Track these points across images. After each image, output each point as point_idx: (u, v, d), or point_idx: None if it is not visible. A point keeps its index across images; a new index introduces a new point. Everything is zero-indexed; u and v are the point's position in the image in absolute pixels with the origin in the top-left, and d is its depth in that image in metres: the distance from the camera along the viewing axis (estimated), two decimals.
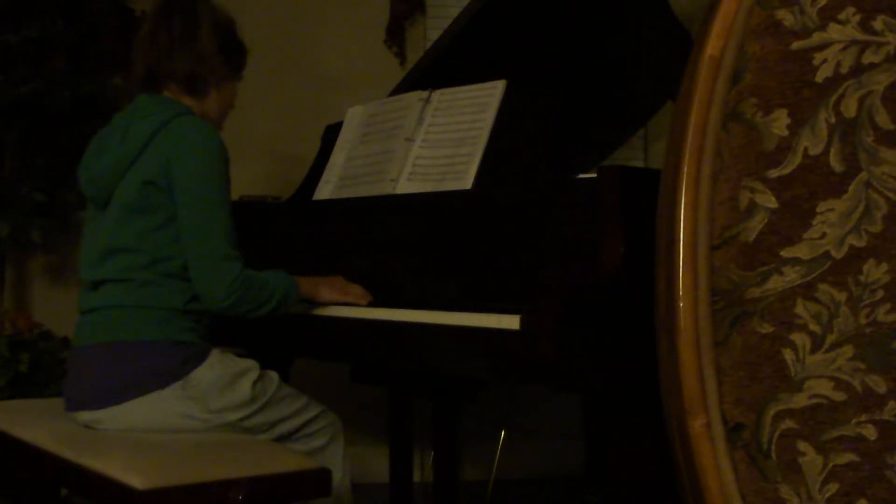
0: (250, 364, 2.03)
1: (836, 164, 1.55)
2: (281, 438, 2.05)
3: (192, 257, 1.96)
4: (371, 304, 2.10)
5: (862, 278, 1.54)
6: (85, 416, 1.97)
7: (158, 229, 1.97)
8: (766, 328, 1.54)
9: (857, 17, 1.55)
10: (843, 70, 1.55)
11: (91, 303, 2.02)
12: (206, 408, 1.95)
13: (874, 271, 1.54)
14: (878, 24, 1.55)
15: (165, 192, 1.97)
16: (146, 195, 1.97)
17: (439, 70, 2.56)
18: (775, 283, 1.54)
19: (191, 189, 1.95)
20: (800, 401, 1.54)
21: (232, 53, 2.16)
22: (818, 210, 1.54)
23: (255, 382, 2.00)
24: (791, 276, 1.54)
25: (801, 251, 1.54)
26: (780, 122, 1.54)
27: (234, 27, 2.17)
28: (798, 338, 1.54)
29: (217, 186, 1.98)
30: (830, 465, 1.54)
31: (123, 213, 1.99)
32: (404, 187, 2.24)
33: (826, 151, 1.55)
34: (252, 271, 1.99)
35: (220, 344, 2.09)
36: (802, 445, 1.54)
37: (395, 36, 3.66)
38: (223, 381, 1.96)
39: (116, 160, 2.01)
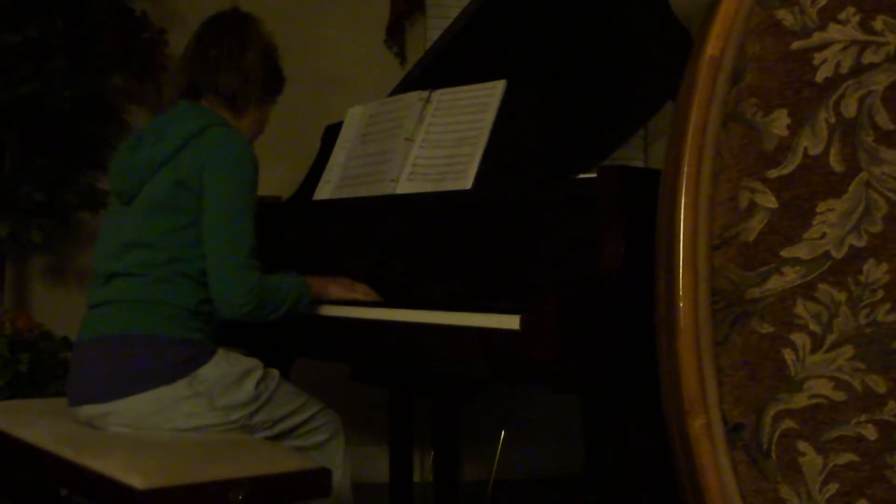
0: (254, 363, 2.04)
1: (836, 164, 1.54)
2: (282, 435, 2.05)
3: (212, 263, 1.97)
4: (371, 304, 2.10)
5: (862, 278, 1.54)
6: (89, 409, 1.97)
7: (181, 229, 2.00)
8: (766, 328, 1.54)
9: (857, 17, 1.55)
10: (843, 70, 1.55)
11: (101, 296, 2.03)
12: (211, 405, 1.95)
13: (874, 271, 1.54)
14: (878, 24, 1.55)
15: (195, 195, 2.00)
16: (175, 194, 2.00)
17: (439, 70, 2.56)
18: (775, 283, 1.54)
19: (220, 196, 1.99)
20: (800, 401, 1.54)
21: (273, 78, 2.23)
22: (818, 210, 1.54)
23: (259, 381, 2.01)
24: (791, 276, 1.54)
25: (801, 251, 1.54)
26: (780, 122, 1.54)
27: (277, 54, 2.25)
28: (798, 338, 1.54)
29: (246, 197, 2.01)
30: (830, 465, 1.54)
31: (150, 210, 2.02)
32: (404, 187, 2.24)
33: (826, 151, 1.55)
34: (267, 277, 2.00)
35: (223, 343, 2.09)
36: (802, 445, 1.54)
37: (395, 36, 3.66)
38: (229, 378, 1.98)
39: (151, 157, 2.04)
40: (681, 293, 1.52)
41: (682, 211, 1.53)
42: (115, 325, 1.98)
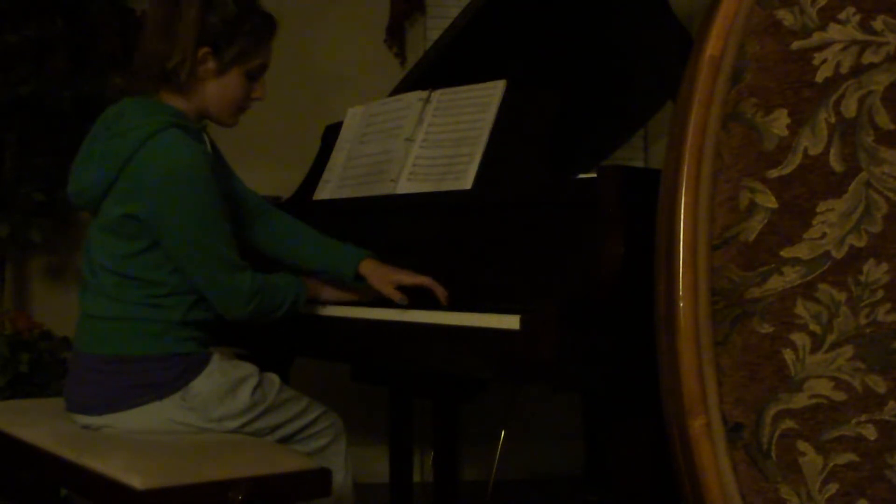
0: (250, 370, 2.00)
1: (836, 164, 1.55)
2: (283, 440, 2.04)
3: (201, 283, 1.92)
4: (371, 304, 2.10)
5: (862, 278, 1.54)
6: (83, 419, 1.96)
7: (143, 252, 1.91)
8: (766, 328, 1.54)
9: (857, 17, 1.55)
10: (843, 70, 1.55)
11: (90, 308, 1.98)
12: (205, 417, 1.93)
13: (874, 271, 1.54)
14: (878, 24, 1.55)
15: (146, 227, 1.89)
16: (126, 225, 1.90)
17: (439, 70, 2.56)
18: (775, 283, 1.54)
19: (178, 225, 1.87)
20: (800, 401, 1.54)
21: (225, 41, 1.94)
22: (818, 210, 1.54)
23: (254, 389, 1.97)
24: (791, 276, 1.54)
25: (801, 251, 1.54)
26: (780, 122, 1.54)
27: (230, 8, 1.93)
28: (798, 338, 1.54)
29: (205, 210, 1.88)
30: (830, 465, 1.54)
31: (105, 233, 1.94)
32: (404, 187, 2.24)
33: (826, 151, 1.55)
34: (265, 277, 1.97)
35: (221, 343, 2.08)
36: (802, 445, 1.54)
37: (395, 36, 3.66)
38: (222, 389, 1.94)
39: (96, 181, 1.93)
40: (681, 293, 1.52)
41: (682, 211, 1.53)
42: (104, 344, 1.93)
